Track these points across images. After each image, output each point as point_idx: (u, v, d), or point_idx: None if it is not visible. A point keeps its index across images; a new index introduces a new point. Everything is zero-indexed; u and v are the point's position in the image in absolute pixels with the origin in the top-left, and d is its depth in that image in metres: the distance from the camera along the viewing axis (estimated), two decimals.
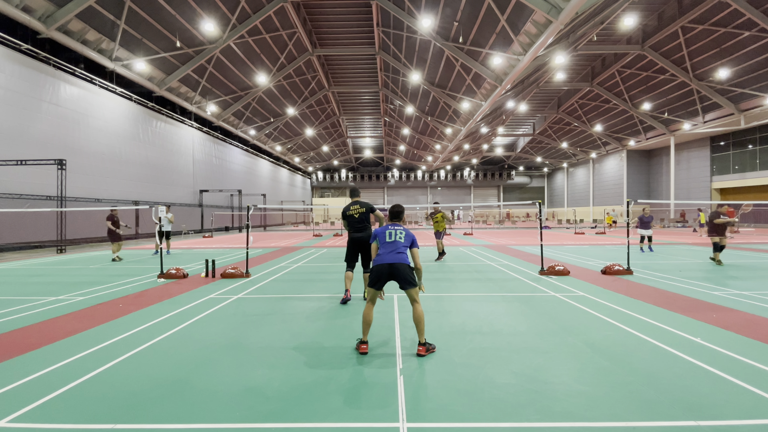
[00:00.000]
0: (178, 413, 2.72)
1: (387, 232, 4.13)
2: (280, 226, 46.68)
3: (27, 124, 15.70)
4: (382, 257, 3.99)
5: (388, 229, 4.16)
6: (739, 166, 32.57)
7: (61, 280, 8.47)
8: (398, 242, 4.08)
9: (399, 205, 4.56)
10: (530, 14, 15.99)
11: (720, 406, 2.75)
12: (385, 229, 4.17)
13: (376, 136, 52.58)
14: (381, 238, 4.14)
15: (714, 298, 6.13)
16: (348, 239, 6.16)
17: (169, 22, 19.35)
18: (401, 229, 4.18)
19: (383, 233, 4.13)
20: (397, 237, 4.11)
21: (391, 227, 4.20)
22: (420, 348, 3.80)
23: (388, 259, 3.95)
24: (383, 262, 3.96)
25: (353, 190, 6.33)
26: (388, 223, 4.34)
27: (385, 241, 4.10)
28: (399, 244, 4.07)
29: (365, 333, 3.94)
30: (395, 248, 4.03)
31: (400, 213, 4.50)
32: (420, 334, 3.84)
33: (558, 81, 32.79)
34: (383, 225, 4.35)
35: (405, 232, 4.16)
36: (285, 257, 12.77)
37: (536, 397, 2.92)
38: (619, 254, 12.21)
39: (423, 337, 3.85)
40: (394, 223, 4.37)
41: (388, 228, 4.18)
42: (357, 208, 6.04)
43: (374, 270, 3.99)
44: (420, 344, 3.82)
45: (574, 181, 56.81)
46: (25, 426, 2.58)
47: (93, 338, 4.37)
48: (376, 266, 4.00)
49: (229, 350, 4.00)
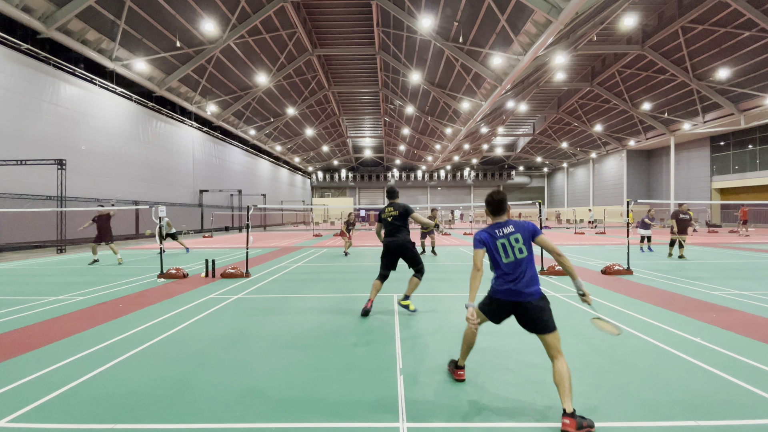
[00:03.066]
0: (178, 413, 2.72)
1: (499, 243, 2.86)
2: (280, 226, 46.67)
3: (27, 124, 15.70)
4: (502, 288, 2.84)
5: (498, 239, 2.87)
6: (739, 166, 32.56)
7: (61, 280, 8.46)
8: (521, 260, 2.81)
9: (499, 191, 3.04)
10: (530, 14, 15.99)
11: (720, 406, 2.76)
12: (494, 238, 2.88)
13: (376, 136, 52.57)
14: (494, 253, 2.88)
15: (714, 298, 6.13)
16: (383, 245, 5.45)
17: (169, 22, 19.34)
18: (514, 230, 2.86)
19: (494, 243, 2.88)
20: (517, 251, 2.82)
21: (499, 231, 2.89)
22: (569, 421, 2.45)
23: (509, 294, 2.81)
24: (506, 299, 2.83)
25: (390, 191, 5.56)
26: (493, 224, 2.98)
27: (501, 262, 2.85)
28: (523, 263, 2.81)
29: (464, 356, 3.20)
30: (518, 270, 2.81)
31: (502, 202, 2.99)
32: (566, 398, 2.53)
33: (558, 81, 32.78)
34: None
35: (522, 232, 2.86)
36: (285, 257, 12.77)
37: (536, 397, 2.92)
38: (619, 254, 12.21)
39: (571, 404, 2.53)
40: (500, 222, 2.95)
41: (497, 236, 2.88)
42: (390, 211, 5.35)
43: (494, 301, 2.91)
44: (568, 415, 2.47)
45: (574, 181, 56.79)
46: (25, 426, 2.58)
47: (93, 338, 4.37)
48: (496, 299, 2.89)
49: (229, 350, 4.00)
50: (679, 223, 11.13)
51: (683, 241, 11.08)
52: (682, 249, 11.08)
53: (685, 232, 11.11)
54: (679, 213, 11.26)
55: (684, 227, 11.11)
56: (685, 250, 11.49)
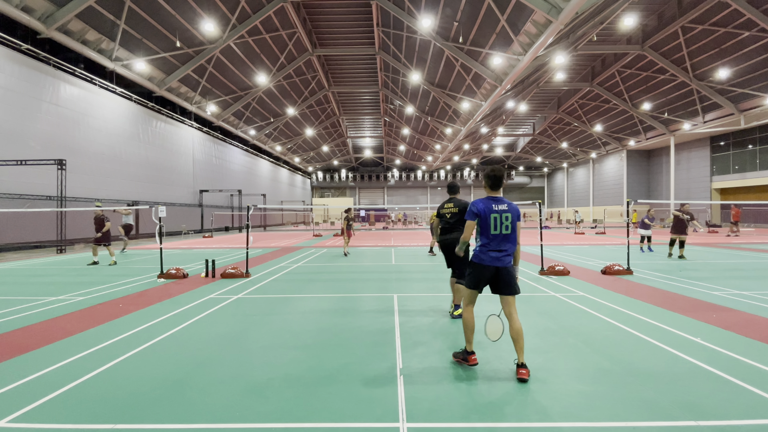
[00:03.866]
0: (178, 413, 2.72)
1: (492, 217, 3.29)
2: (280, 226, 46.67)
3: (27, 124, 15.69)
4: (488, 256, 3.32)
5: (492, 212, 3.30)
6: (739, 166, 32.56)
7: (61, 280, 8.46)
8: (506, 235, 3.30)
9: (500, 167, 3.51)
10: (530, 14, 15.99)
11: (720, 406, 2.76)
12: (489, 210, 3.31)
13: (376, 136, 52.57)
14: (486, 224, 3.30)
15: (714, 298, 6.12)
16: (438, 243, 5.35)
17: (169, 22, 19.34)
18: (507, 209, 3.32)
19: (488, 215, 3.30)
20: (504, 228, 3.29)
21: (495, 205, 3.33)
22: (525, 371, 3.17)
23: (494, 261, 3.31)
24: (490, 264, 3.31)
25: (452, 186, 5.39)
26: (489, 197, 3.43)
27: (490, 233, 3.29)
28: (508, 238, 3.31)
29: (470, 341, 3.47)
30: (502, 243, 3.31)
31: (501, 178, 3.46)
32: (521, 352, 3.24)
33: (558, 81, 32.78)
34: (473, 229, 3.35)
35: (512, 213, 3.33)
36: (285, 257, 12.77)
37: (536, 397, 2.92)
38: (619, 254, 12.21)
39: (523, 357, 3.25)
40: (497, 197, 3.41)
41: (493, 209, 3.31)
42: (450, 207, 5.17)
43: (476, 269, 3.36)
44: (523, 366, 3.20)
45: (574, 181, 56.79)
46: (25, 426, 2.58)
47: (93, 338, 4.37)
48: (481, 265, 3.34)
49: (229, 350, 4.00)
50: (677, 223, 11.23)
51: (683, 241, 11.14)
52: (682, 249, 11.12)
53: (684, 233, 11.16)
54: (680, 213, 11.38)
55: (682, 227, 11.16)
56: (684, 250, 11.53)
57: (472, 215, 3.38)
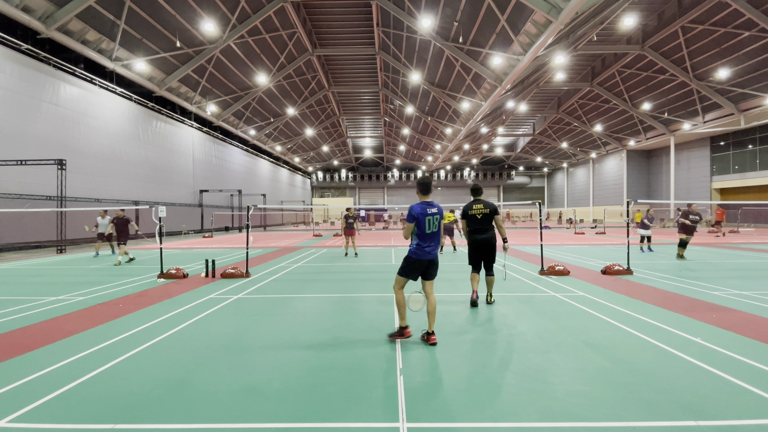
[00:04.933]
0: (178, 413, 2.72)
1: (427, 219, 4.04)
2: (280, 226, 46.67)
3: (27, 124, 15.69)
4: (423, 251, 4.10)
5: (427, 215, 4.05)
6: (739, 166, 32.56)
7: (61, 280, 8.47)
8: (436, 232, 4.14)
9: (428, 176, 4.29)
10: (530, 14, 15.99)
11: (720, 406, 2.75)
12: (424, 214, 4.05)
13: (376, 136, 52.56)
14: (422, 224, 4.04)
15: (714, 298, 6.12)
16: (468, 242, 5.74)
17: (169, 22, 19.34)
18: (436, 211, 4.10)
19: (424, 217, 4.05)
20: (434, 227, 4.10)
21: (429, 209, 4.09)
22: (434, 337, 4.08)
23: (427, 255, 4.10)
24: (424, 258, 4.10)
25: (476, 188, 5.79)
26: (423, 202, 4.17)
27: (425, 232, 4.05)
28: (436, 234, 4.14)
29: (403, 316, 4.18)
30: (434, 239, 4.12)
31: (430, 185, 4.22)
32: (432, 322, 4.15)
33: (558, 81, 32.78)
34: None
35: (440, 214, 4.14)
36: (285, 257, 12.77)
37: (536, 397, 2.92)
38: (619, 254, 12.21)
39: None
40: (428, 201, 4.17)
41: (427, 213, 4.06)
42: (480, 208, 5.61)
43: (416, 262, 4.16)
44: (432, 333, 4.11)
45: (574, 181, 56.80)
46: (25, 426, 2.58)
47: (93, 338, 4.37)
48: (417, 259, 4.12)
49: (229, 350, 4.00)
50: (686, 225, 11.01)
51: (686, 242, 11.05)
52: (683, 249, 11.07)
53: (692, 234, 11.02)
54: (688, 214, 11.12)
55: (691, 229, 11.01)
56: (685, 250, 11.49)
57: (411, 218, 4.05)
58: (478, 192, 5.76)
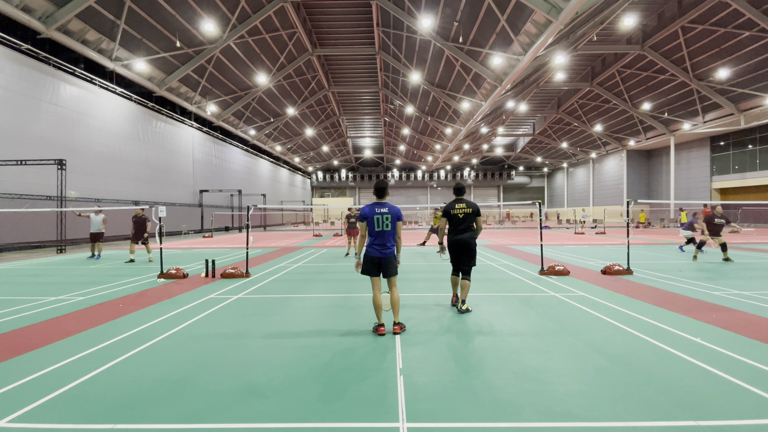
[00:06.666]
0: (178, 413, 2.72)
1: (375, 218, 4.38)
2: (280, 226, 46.67)
3: (27, 124, 15.69)
4: (373, 248, 4.46)
5: (376, 214, 4.39)
6: (739, 166, 32.55)
7: (61, 280, 8.47)
8: (386, 231, 4.41)
9: (383, 180, 4.61)
10: (530, 14, 15.99)
11: (720, 406, 2.76)
12: (373, 213, 4.40)
13: (376, 136, 52.56)
14: (372, 223, 4.40)
15: (714, 298, 6.12)
16: (448, 242, 5.54)
17: (169, 22, 19.34)
18: (387, 211, 4.41)
19: (372, 216, 4.40)
20: (385, 225, 4.39)
21: (378, 209, 4.41)
22: (400, 328, 4.48)
23: (377, 252, 4.44)
24: (375, 255, 4.44)
25: (459, 188, 5.66)
26: (375, 203, 4.52)
27: (374, 230, 4.40)
28: (387, 233, 4.41)
29: (379, 315, 4.52)
30: (383, 237, 4.41)
31: (384, 189, 4.57)
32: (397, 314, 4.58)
33: (558, 81, 32.77)
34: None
35: (392, 215, 4.43)
36: (285, 257, 12.77)
37: (536, 397, 2.92)
38: (619, 254, 12.21)
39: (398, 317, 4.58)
40: (380, 202, 4.51)
41: (376, 212, 4.40)
42: (463, 207, 5.42)
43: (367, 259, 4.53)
44: (399, 324, 4.53)
45: (574, 181, 56.79)
46: (25, 426, 2.58)
47: (93, 338, 4.37)
48: (370, 256, 4.49)
49: (229, 350, 4.00)
50: (713, 227, 10.78)
51: (704, 243, 10.93)
52: (699, 251, 10.94)
53: (719, 234, 10.79)
54: (714, 217, 10.87)
55: (717, 230, 10.79)
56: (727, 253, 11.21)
57: (362, 218, 4.44)
58: (461, 191, 5.63)
